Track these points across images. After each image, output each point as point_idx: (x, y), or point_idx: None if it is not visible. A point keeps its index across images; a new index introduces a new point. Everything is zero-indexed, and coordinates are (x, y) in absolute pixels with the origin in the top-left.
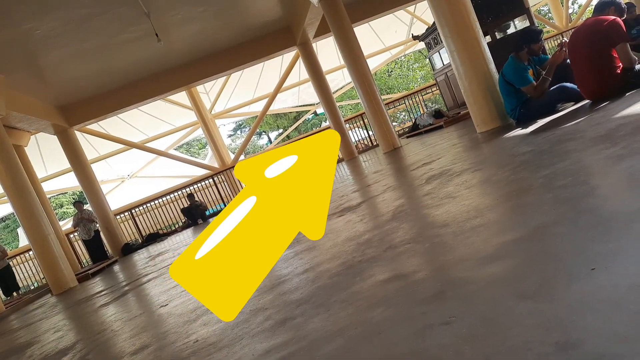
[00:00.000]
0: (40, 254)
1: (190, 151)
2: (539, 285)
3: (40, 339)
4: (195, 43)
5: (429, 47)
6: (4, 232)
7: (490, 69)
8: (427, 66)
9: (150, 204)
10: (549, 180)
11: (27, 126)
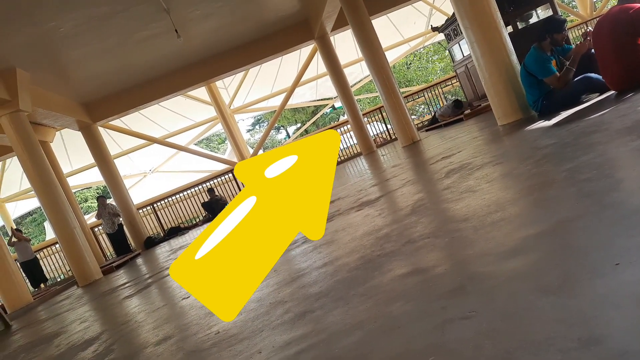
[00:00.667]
0: (66, 247)
1: (210, 146)
2: (562, 280)
3: (67, 329)
4: (214, 38)
5: (448, 38)
6: (31, 225)
7: (511, 60)
8: (447, 58)
9: (172, 198)
10: (572, 173)
11: (52, 122)
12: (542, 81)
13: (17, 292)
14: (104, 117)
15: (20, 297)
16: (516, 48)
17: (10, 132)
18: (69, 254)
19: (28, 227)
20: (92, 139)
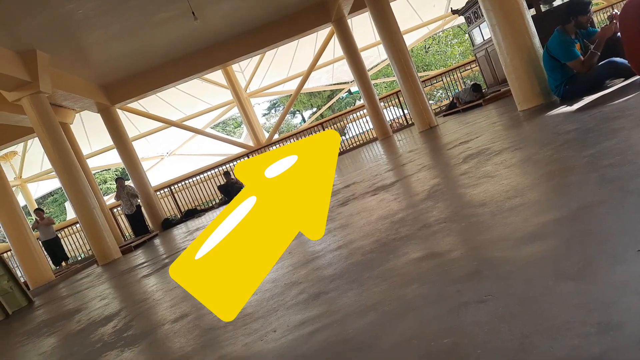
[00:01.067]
0: (86, 226)
1: (226, 130)
2: (582, 265)
3: (87, 306)
4: (230, 21)
5: (468, 21)
6: (52, 205)
7: (533, 43)
8: (466, 42)
9: (189, 181)
10: (594, 159)
11: (72, 104)
12: (565, 65)
13: (39, 270)
14: (122, 100)
15: (42, 274)
16: (539, 31)
17: (31, 113)
18: (89, 234)
19: (49, 207)
20: (110, 121)
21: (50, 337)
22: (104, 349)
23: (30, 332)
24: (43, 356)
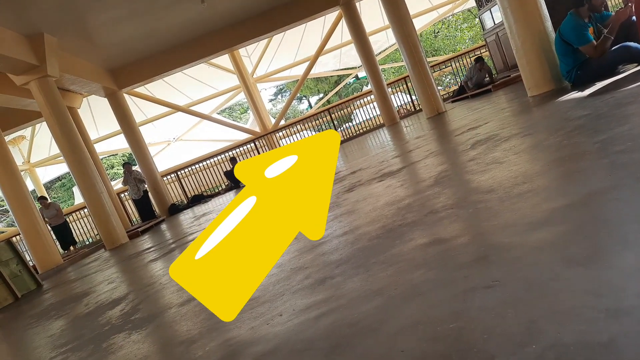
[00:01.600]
0: (94, 211)
1: (233, 115)
2: (591, 251)
3: (95, 290)
4: (238, 4)
5: (479, 4)
6: (60, 190)
7: (545, 27)
8: (476, 26)
9: (195, 166)
10: (605, 145)
11: (80, 88)
12: (578, 50)
13: (48, 254)
14: (130, 84)
15: (50, 258)
16: (551, 15)
17: (39, 97)
18: (97, 218)
19: (57, 192)
20: (117, 106)
21: (58, 320)
22: (112, 331)
23: (39, 314)
24: (52, 338)
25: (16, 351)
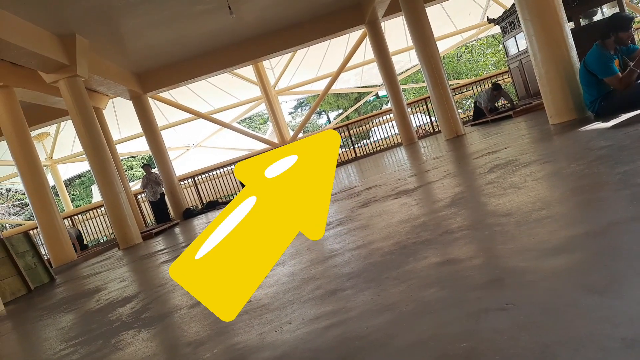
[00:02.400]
0: (111, 210)
1: (252, 125)
2: (608, 280)
3: (107, 287)
4: (265, 17)
5: (504, 31)
6: (79, 187)
7: (571, 57)
8: (500, 52)
9: (212, 173)
10: (627, 176)
11: (106, 90)
12: (602, 81)
13: (63, 249)
14: (155, 89)
15: (65, 253)
16: (577, 45)
17: (67, 96)
18: (113, 217)
19: (76, 189)
20: (141, 109)
21: (69, 314)
22: (122, 328)
23: (50, 307)
24: (62, 331)
25: (26, 342)
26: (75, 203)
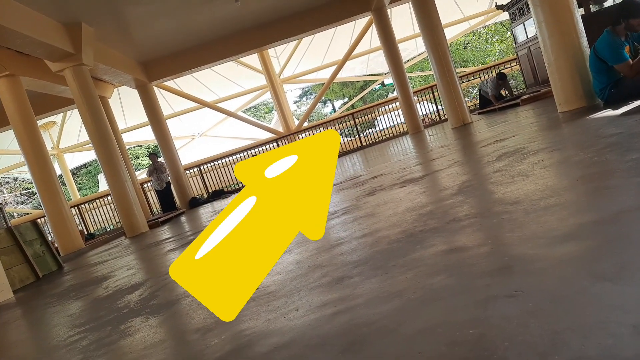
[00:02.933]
0: (117, 199)
1: (257, 114)
2: (619, 267)
3: (114, 274)
4: (270, 5)
5: (513, 18)
6: (85, 177)
7: (581, 43)
8: (508, 39)
9: (217, 162)
10: (638, 164)
11: (112, 79)
12: (612, 68)
13: (71, 237)
14: (160, 77)
15: (73, 241)
16: (587, 32)
17: (73, 85)
18: (120, 206)
19: (83, 179)
20: (147, 98)
21: (78, 301)
22: (130, 315)
23: (59, 294)
24: (71, 318)
25: (35, 328)
26: (82, 192)
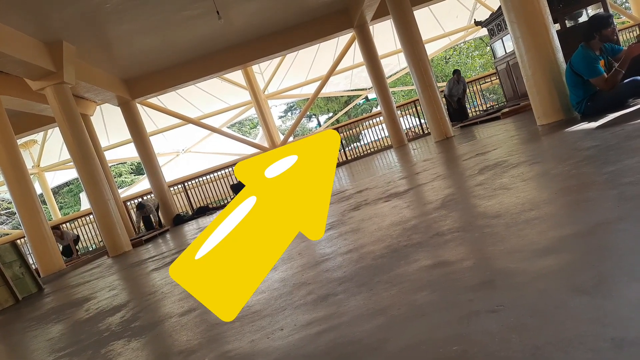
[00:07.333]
0: (100, 217)
1: (242, 130)
2: (597, 281)
3: (96, 296)
4: (253, 22)
5: (491, 33)
6: (67, 195)
7: (557, 58)
8: (487, 54)
9: (202, 178)
10: (614, 176)
11: (94, 96)
12: (588, 82)
13: (51, 258)
14: (143, 94)
15: (53, 262)
16: (563, 47)
17: (54, 103)
18: (102, 225)
19: (64, 197)
20: (130, 115)
21: (58, 324)
22: (111, 338)
23: (39, 317)
24: (51, 342)
25: (14, 353)
26: (64, 211)
